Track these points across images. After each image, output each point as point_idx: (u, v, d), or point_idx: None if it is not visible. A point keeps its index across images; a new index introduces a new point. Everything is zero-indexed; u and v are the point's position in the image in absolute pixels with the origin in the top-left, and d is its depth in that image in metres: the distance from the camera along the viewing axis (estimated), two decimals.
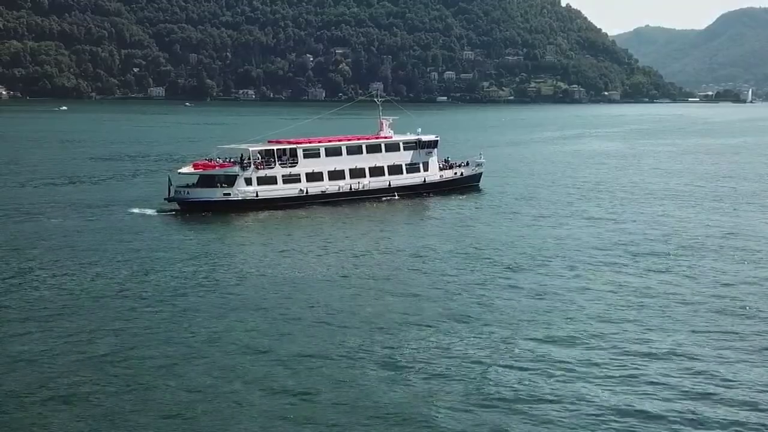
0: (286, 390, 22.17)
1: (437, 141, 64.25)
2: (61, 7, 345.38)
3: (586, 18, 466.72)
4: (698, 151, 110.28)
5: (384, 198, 59.43)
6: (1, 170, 76.04)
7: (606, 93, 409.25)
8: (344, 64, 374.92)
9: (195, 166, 54.39)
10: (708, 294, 32.65)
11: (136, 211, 51.61)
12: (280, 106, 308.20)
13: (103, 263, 37.16)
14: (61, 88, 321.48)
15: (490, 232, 46.72)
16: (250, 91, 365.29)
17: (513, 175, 77.64)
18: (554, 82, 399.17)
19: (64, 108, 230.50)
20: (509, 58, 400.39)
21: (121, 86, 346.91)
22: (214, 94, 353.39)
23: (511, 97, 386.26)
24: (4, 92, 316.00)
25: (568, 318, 29.02)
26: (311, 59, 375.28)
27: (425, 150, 63.10)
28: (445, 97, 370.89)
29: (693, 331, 27.84)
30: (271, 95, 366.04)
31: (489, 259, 39.02)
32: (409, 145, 62.34)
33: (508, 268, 37.07)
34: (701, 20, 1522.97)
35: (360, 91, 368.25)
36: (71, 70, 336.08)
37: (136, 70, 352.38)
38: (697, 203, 58.76)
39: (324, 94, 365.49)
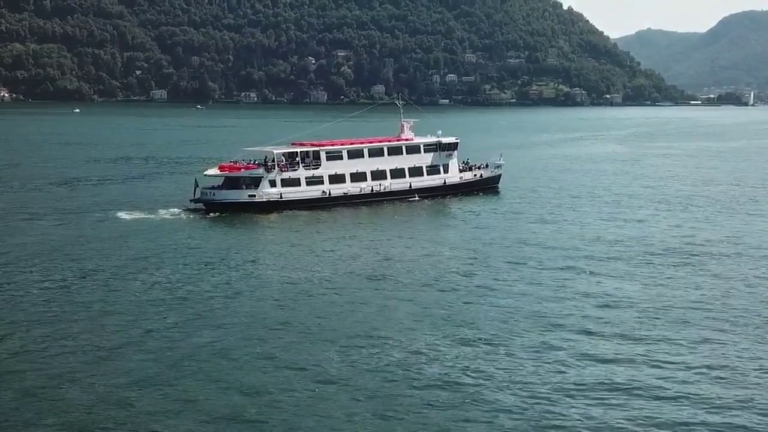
0: (311, 395, 22.18)
1: (457, 143, 64.63)
2: (64, 9, 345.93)
3: (587, 21, 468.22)
4: (722, 153, 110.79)
5: (405, 199, 59.72)
6: (23, 172, 76.90)
7: (608, 96, 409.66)
8: (346, 66, 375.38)
9: (220, 168, 55.05)
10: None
11: (163, 212, 52.10)
12: (282, 108, 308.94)
13: (131, 263, 37.57)
14: (63, 90, 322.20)
15: (510, 232, 47.14)
16: (252, 94, 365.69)
17: (530, 176, 77.95)
18: (556, 84, 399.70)
19: (77, 110, 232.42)
20: (511, 60, 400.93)
21: (123, 89, 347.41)
22: (216, 96, 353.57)
23: (513, 100, 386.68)
24: (6, 95, 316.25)
25: (589, 317, 29.37)
26: (313, 62, 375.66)
27: (445, 152, 63.47)
28: (447, 100, 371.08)
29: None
30: (273, 98, 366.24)
31: (509, 258, 39.44)
32: (429, 148, 62.71)
33: (529, 267, 37.43)
34: (703, 23, 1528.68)
35: (362, 94, 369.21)
36: (73, 72, 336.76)
37: (138, 72, 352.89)
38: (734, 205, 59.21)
39: (326, 97, 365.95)
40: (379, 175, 59.07)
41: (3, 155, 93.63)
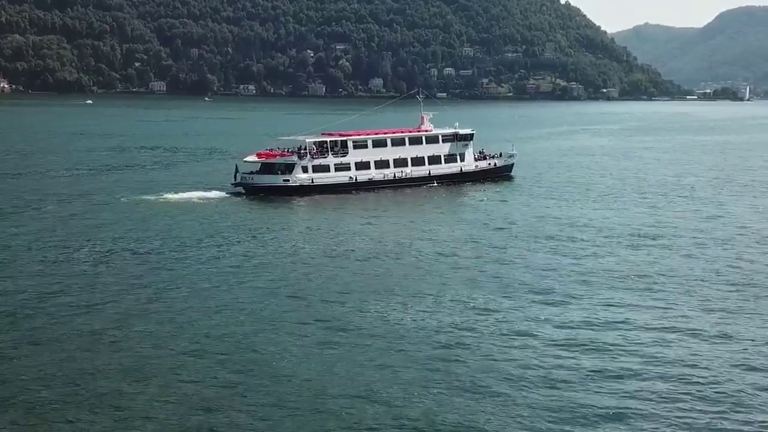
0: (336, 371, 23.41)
1: (473, 134, 68.72)
2: (63, 1, 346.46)
3: (585, 15, 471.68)
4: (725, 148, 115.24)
5: (424, 185, 63.99)
6: (60, 161, 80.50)
7: (604, 90, 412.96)
8: (344, 60, 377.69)
9: (258, 156, 59.64)
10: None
11: (207, 194, 56.69)
12: (281, 101, 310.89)
13: (183, 239, 41.53)
14: (63, 82, 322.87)
15: (521, 214, 51.41)
16: (251, 87, 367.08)
17: (540, 166, 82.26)
18: (553, 79, 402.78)
19: (89, 102, 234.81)
20: (508, 55, 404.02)
21: (122, 80, 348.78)
22: (215, 89, 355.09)
23: (510, 94, 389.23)
24: (6, 86, 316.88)
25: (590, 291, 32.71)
26: (312, 55, 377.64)
27: (462, 142, 67.56)
28: (445, 94, 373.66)
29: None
30: (272, 90, 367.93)
31: (520, 237, 43.54)
32: (447, 138, 66.84)
33: (539, 244, 41.49)
34: (701, 18, 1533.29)
35: (360, 87, 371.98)
36: (73, 64, 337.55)
37: (137, 64, 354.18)
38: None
39: (324, 90, 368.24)
40: (400, 162, 63.35)
41: (36, 146, 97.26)
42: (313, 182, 58.75)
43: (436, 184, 64.43)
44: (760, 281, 34.12)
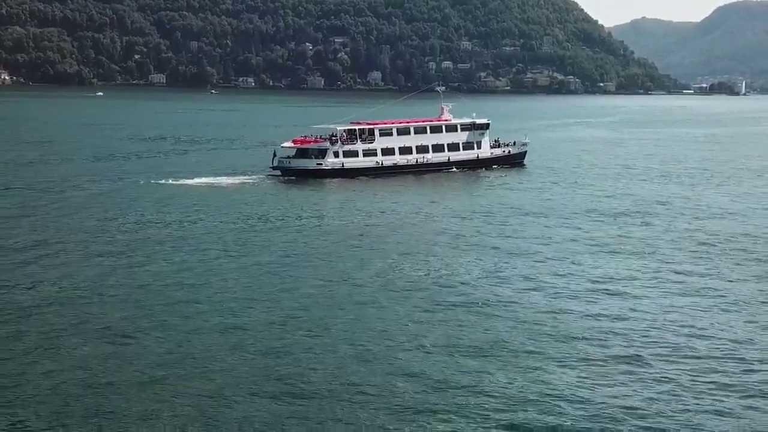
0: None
1: (489, 124, 73.70)
2: None
3: (582, 9, 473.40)
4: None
5: (444, 170, 68.97)
6: (93, 154, 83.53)
7: (601, 84, 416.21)
8: (343, 53, 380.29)
9: (294, 142, 64.91)
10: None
11: (248, 176, 62.21)
12: (282, 94, 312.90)
13: (231, 214, 46.48)
14: (63, 74, 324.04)
15: (533, 196, 56.88)
16: (250, 79, 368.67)
17: (549, 154, 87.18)
18: (550, 73, 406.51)
19: (100, 94, 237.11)
20: (506, 48, 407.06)
21: (122, 73, 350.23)
22: (214, 81, 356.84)
23: (508, 88, 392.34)
24: (6, 77, 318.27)
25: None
26: (310, 48, 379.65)
27: (479, 131, 72.58)
28: (443, 87, 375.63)
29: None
30: (271, 83, 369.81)
31: (530, 215, 48.69)
32: (465, 127, 71.78)
33: (544, 220, 46.80)
34: (698, 13, 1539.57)
35: (358, 80, 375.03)
36: (73, 56, 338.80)
37: (137, 57, 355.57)
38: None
39: (323, 83, 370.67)
40: (422, 149, 68.33)
41: (74, 136, 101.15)
42: (343, 166, 63.70)
43: (454, 170, 69.21)
44: (716, 249, 39.32)
